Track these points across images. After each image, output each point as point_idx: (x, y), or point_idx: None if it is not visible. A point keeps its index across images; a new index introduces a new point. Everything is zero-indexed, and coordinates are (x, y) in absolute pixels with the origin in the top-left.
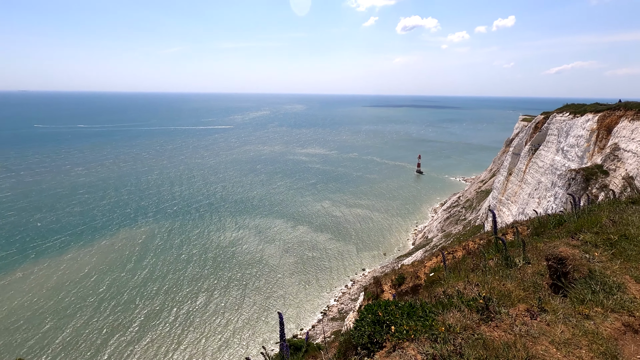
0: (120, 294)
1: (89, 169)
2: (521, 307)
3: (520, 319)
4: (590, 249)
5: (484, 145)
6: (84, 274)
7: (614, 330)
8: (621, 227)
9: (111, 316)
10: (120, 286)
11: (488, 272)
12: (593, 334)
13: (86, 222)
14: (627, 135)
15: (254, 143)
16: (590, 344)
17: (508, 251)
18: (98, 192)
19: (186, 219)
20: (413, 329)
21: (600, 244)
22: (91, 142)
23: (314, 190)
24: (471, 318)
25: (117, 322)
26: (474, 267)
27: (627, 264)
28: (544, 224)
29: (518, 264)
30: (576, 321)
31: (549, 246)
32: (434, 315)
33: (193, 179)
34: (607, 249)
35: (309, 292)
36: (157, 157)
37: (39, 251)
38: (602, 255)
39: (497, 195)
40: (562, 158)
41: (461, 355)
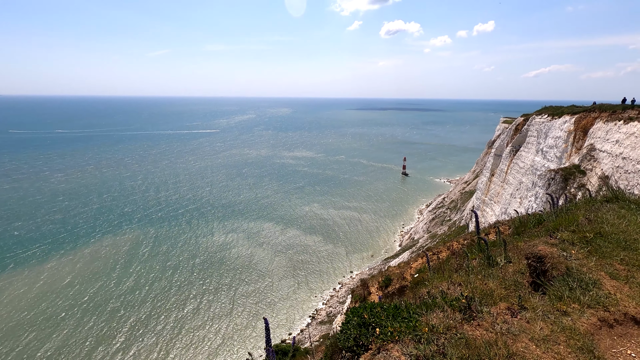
0: (105, 303)
1: (69, 175)
2: (502, 305)
3: (501, 317)
4: (568, 247)
5: (467, 147)
6: (66, 283)
7: (590, 326)
8: (596, 225)
9: (96, 327)
10: (104, 295)
11: (471, 272)
12: (570, 330)
13: (68, 229)
14: (602, 136)
15: (240, 147)
16: (567, 339)
17: (490, 251)
18: (80, 198)
19: (173, 224)
20: (397, 330)
21: (577, 242)
22: (71, 147)
23: (301, 193)
24: (454, 318)
25: (102, 333)
26: (457, 267)
27: (602, 260)
28: (524, 223)
29: (500, 263)
30: (554, 318)
31: (528, 245)
32: (417, 316)
33: (179, 183)
34: (583, 247)
35: (298, 296)
36: (140, 162)
37: (18, 261)
38: (579, 252)
39: (481, 195)
40: (541, 159)
41: (444, 355)
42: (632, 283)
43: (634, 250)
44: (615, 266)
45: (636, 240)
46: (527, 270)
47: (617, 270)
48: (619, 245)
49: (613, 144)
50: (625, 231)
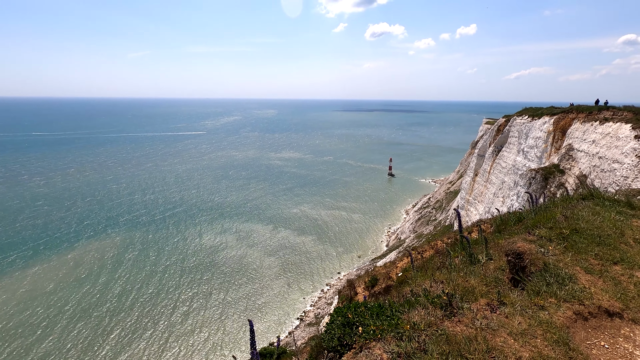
0: (90, 311)
1: (49, 179)
2: (482, 301)
3: (481, 313)
4: (545, 243)
5: (451, 147)
6: (49, 291)
7: (566, 319)
8: (572, 222)
9: (81, 335)
10: (90, 302)
11: (453, 270)
12: (547, 324)
13: (50, 235)
14: (580, 136)
15: (227, 149)
16: (544, 333)
17: (472, 249)
18: (61, 202)
19: (159, 228)
20: (380, 328)
21: (554, 238)
22: (51, 150)
23: (289, 194)
24: (435, 315)
25: (87, 342)
26: (440, 265)
27: (577, 256)
28: (505, 221)
29: (481, 260)
30: (532, 312)
31: (508, 242)
32: (400, 314)
33: (165, 186)
34: (560, 243)
35: (286, 299)
36: (124, 164)
37: None
38: (556, 248)
39: (465, 195)
40: (523, 158)
41: (425, 352)
42: (606, 277)
43: (607, 246)
44: (590, 261)
45: (609, 236)
46: (507, 266)
47: (592, 265)
48: (594, 240)
49: (590, 144)
50: (600, 227)
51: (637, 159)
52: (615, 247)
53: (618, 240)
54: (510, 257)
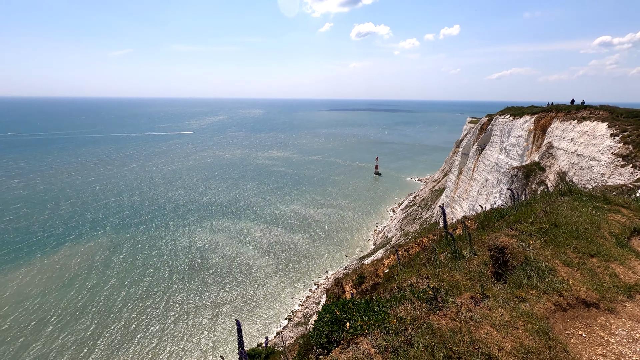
0: (76, 317)
1: (27, 181)
2: (466, 295)
3: (465, 306)
4: (526, 238)
5: (436, 146)
6: (33, 297)
7: (546, 310)
8: (552, 216)
9: (67, 343)
10: (76, 307)
11: (438, 265)
12: (528, 315)
13: (31, 239)
14: (559, 135)
15: (214, 148)
16: (525, 324)
17: (457, 244)
18: (42, 205)
19: (146, 229)
20: (367, 324)
21: (534, 233)
22: (29, 151)
23: (277, 194)
24: (421, 309)
25: (74, 349)
26: (426, 261)
27: (557, 249)
28: (488, 217)
29: (465, 255)
30: (514, 304)
31: (491, 237)
32: (386, 309)
33: (150, 187)
34: (540, 237)
35: (275, 299)
36: (107, 165)
37: None
38: (536, 242)
39: (450, 193)
40: (505, 157)
41: (411, 345)
42: (583, 269)
43: (584, 239)
44: (569, 254)
45: (587, 229)
46: (490, 261)
47: (570, 257)
48: (572, 234)
49: (569, 142)
50: (577, 221)
51: (613, 156)
52: (592, 240)
53: (595, 233)
54: (493, 252)
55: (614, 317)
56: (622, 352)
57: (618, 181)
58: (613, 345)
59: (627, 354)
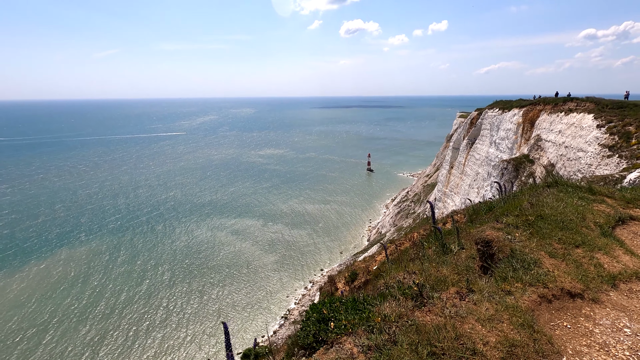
0: (65, 322)
1: (14, 186)
2: (452, 290)
3: (451, 302)
4: (512, 231)
5: (428, 141)
6: (21, 303)
7: (531, 303)
8: (538, 208)
9: (56, 348)
10: (64, 313)
11: (426, 261)
12: (513, 308)
13: (18, 244)
14: (547, 127)
15: (207, 148)
16: (510, 317)
17: (445, 239)
18: (29, 210)
19: (137, 232)
20: (352, 322)
21: (520, 225)
22: (14, 156)
23: (272, 192)
24: (406, 306)
25: (63, 355)
26: (414, 256)
27: (542, 241)
28: (477, 211)
29: (454, 250)
30: (499, 298)
31: (477, 231)
32: (371, 307)
33: (144, 189)
34: (526, 229)
35: (271, 298)
36: (96, 169)
37: None
38: (522, 235)
39: (442, 187)
40: (495, 150)
41: (395, 343)
42: (568, 260)
43: (570, 230)
44: (554, 245)
45: (572, 220)
46: (477, 255)
47: (556, 249)
48: (557, 225)
49: (556, 134)
50: (563, 212)
51: (600, 147)
52: (577, 231)
53: (580, 224)
54: (479, 246)
55: (599, 307)
56: (606, 342)
57: (605, 171)
58: (597, 335)
59: (611, 344)
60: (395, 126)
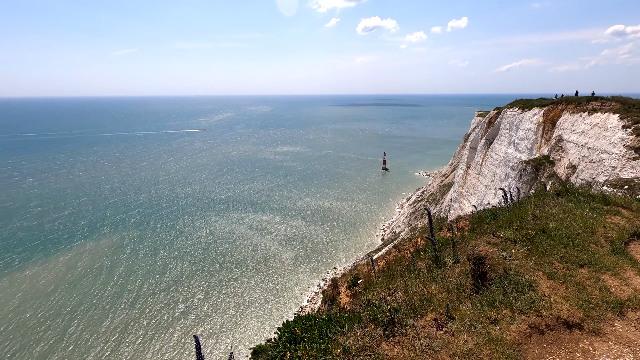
0: (90, 311)
1: (42, 180)
2: (430, 316)
3: (425, 331)
4: (509, 246)
5: (445, 140)
6: (49, 292)
7: (519, 334)
8: (541, 221)
9: (82, 337)
10: (89, 302)
11: (415, 276)
12: (496, 341)
13: (46, 235)
14: (569, 127)
15: (224, 144)
16: (491, 353)
17: (439, 251)
18: (55, 203)
19: (158, 225)
20: (309, 354)
21: (519, 240)
22: (41, 151)
23: (286, 189)
24: (373, 335)
25: (87, 343)
26: (405, 269)
27: (541, 259)
28: (481, 218)
29: (448, 263)
30: (481, 328)
31: (471, 245)
32: (333, 335)
33: (161, 185)
34: (524, 245)
35: (284, 295)
36: (118, 164)
37: None
38: (519, 252)
39: (458, 188)
40: (513, 150)
41: None
42: (569, 282)
43: (574, 247)
44: (555, 265)
45: (578, 235)
46: (471, 271)
47: (556, 269)
48: (561, 241)
49: (579, 134)
50: (569, 226)
51: (625, 149)
52: (583, 247)
53: (587, 239)
54: (472, 262)
55: (599, 340)
56: None
57: (630, 174)
58: None
59: None
60: (411, 124)
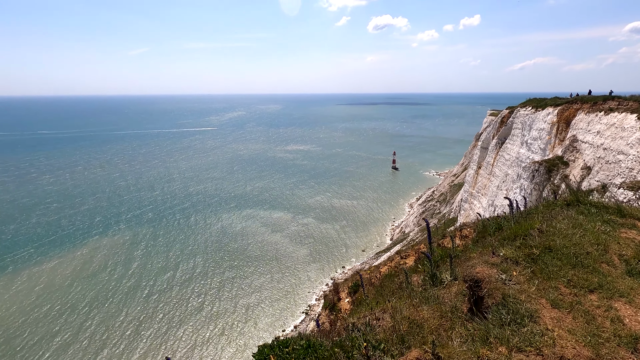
0: (105, 305)
1: (57, 177)
2: (413, 354)
3: None
4: (510, 267)
5: (456, 139)
6: (66, 285)
7: None
8: (547, 237)
9: (98, 330)
10: (105, 296)
11: (409, 294)
12: None
13: (63, 231)
14: (584, 127)
15: (235, 143)
16: None
17: (437, 265)
18: (72, 199)
19: (171, 222)
20: None
21: (521, 260)
22: (57, 148)
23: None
24: None
25: (104, 336)
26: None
27: (546, 283)
28: (486, 228)
29: (445, 280)
30: None
31: (467, 265)
32: None
33: (174, 182)
34: (527, 266)
35: (293, 293)
36: (131, 161)
37: (17, 263)
38: (521, 274)
39: (469, 188)
40: (526, 151)
41: None
42: (577, 311)
43: (584, 268)
44: (561, 290)
45: (589, 254)
46: (468, 293)
47: (562, 295)
48: (569, 261)
49: (594, 135)
50: (579, 244)
51: None
52: (594, 268)
53: (599, 259)
54: (468, 284)
55: None
56: None
57: None
58: None
59: None
60: (422, 123)
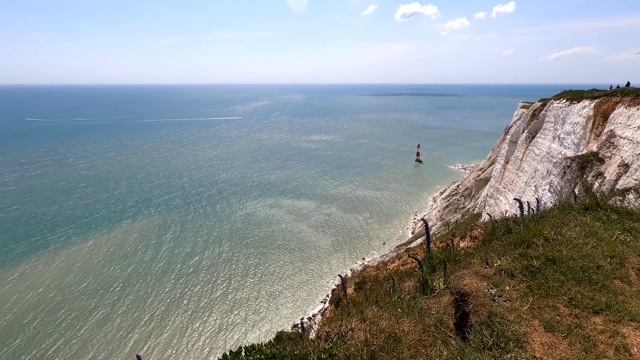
0: (137, 285)
1: (92, 162)
2: None
3: None
4: (503, 281)
5: (485, 132)
6: (102, 265)
7: None
8: (552, 247)
9: (131, 307)
10: (137, 276)
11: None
12: None
13: (99, 213)
14: (623, 122)
15: (259, 132)
16: None
17: (434, 269)
18: (106, 184)
19: (199, 208)
20: None
21: (517, 273)
22: (91, 135)
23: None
24: None
25: (135, 315)
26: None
27: (543, 301)
28: (495, 230)
29: (437, 288)
30: None
31: (456, 276)
32: None
33: (201, 169)
34: (523, 281)
35: (313, 281)
36: (161, 149)
37: (57, 243)
38: (514, 289)
39: (495, 183)
40: (558, 146)
41: None
42: (575, 336)
43: (592, 284)
44: (560, 309)
45: (600, 267)
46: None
47: (560, 315)
48: (574, 276)
49: (634, 130)
50: (589, 255)
51: None
52: (603, 285)
53: (612, 274)
54: (454, 297)
55: None
56: None
57: None
58: None
59: None
60: (449, 115)
